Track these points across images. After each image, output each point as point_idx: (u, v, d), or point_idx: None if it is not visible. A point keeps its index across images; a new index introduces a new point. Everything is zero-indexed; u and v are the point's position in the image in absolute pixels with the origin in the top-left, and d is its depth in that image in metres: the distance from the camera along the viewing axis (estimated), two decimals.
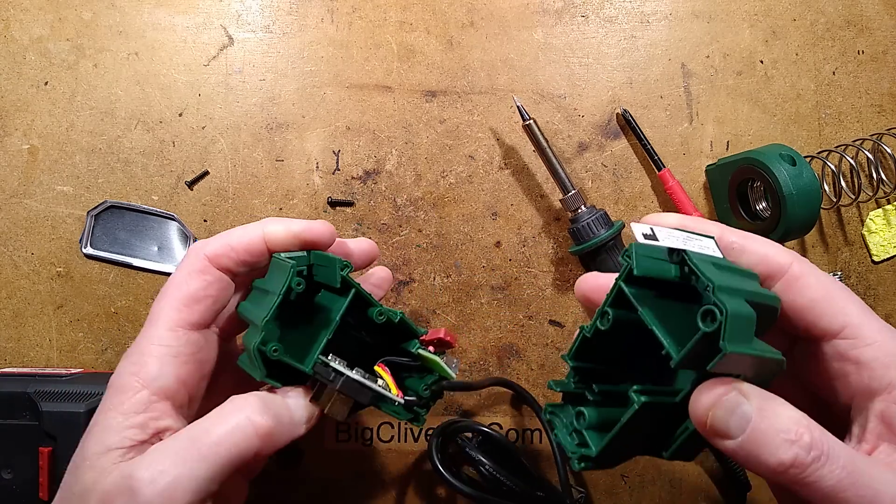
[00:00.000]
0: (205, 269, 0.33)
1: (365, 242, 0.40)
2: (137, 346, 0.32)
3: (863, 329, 0.27)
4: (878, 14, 0.52)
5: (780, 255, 0.29)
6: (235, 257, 0.33)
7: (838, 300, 0.28)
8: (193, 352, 0.32)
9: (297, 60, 0.50)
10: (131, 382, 0.30)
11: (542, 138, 0.47)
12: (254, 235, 0.34)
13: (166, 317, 0.32)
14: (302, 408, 0.32)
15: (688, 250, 0.27)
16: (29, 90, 0.49)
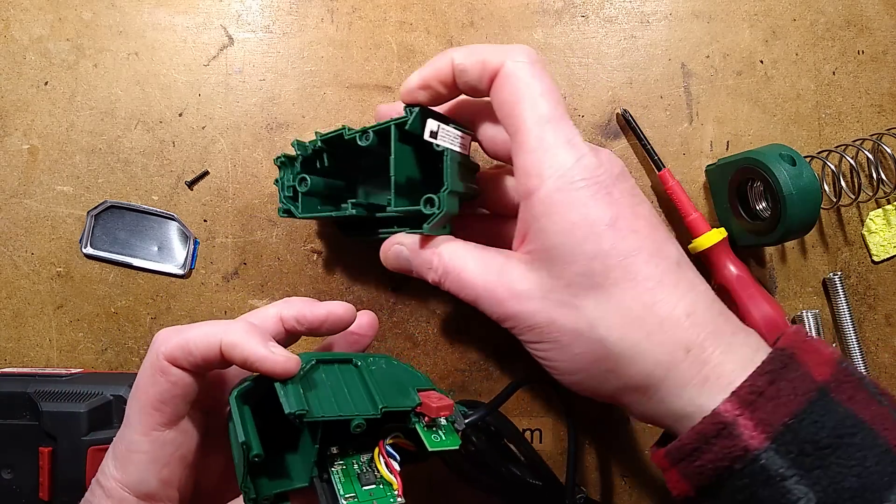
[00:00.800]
0: (164, 369, 0.31)
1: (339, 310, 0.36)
2: (118, 448, 0.32)
3: (527, 135, 0.31)
4: (878, 14, 0.52)
5: (494, 58, 0.33)
6: (193, 361, 0.31)
7: (523, 104, 0.32)
8: (172, 451, 0.32)
9: (297, 60, 0.50)
10: (116, 489, 0.31)
11: None
12: (211, 343, 0.31)
13: (136, 422, 0.31)
14: None
15: (448, 150, 0.36)
16: (29, 90, 0.49)
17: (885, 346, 0.50)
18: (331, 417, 0.31)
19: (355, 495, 0.32)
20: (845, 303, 0.49)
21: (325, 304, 0.36)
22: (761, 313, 0.45)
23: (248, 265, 0.49)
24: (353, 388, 0.33)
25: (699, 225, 0.48)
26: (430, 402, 0.33)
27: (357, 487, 0.32)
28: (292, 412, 0.29)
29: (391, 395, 0.33)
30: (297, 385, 0.31)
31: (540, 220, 0.31)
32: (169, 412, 0.31)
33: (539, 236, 0.31)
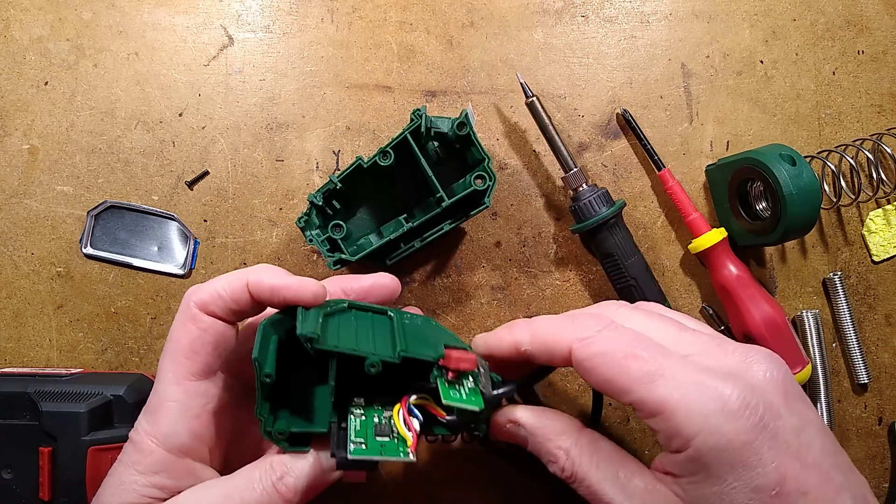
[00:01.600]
0: (195, 317, 0.32)
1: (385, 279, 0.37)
2: (150, 403, 0.33)
3: (646, 404, 0.28)
4: (878, 14, 0.52)
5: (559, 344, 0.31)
6: (224, 305, 0.33)
7: (618, 380, 0.29)
8: (203, 402, 0.32)
9: (297, 60, 0.50)
10: (146, 441, 0.31)
11: (545, 115, 0.47)
12: (237, 284, 0.32)
13: (169, 371, 0.32)
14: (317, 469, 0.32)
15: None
16: (29, 90, 0.49)
17: (885, 346, 0.50)
18: (344, 350, 0.30)
19: (364, 441, 0.32)
20: (845, 303, 0.49)
21: (369, 276, 0.37)
22: (761, 313, 0.45)
23: (248, 265, 0.49)
24: (378, 333, 0.33)
25: (699, 225, 0.48)
26: (452, 356, 0.33)
27: (370, 435, 0.32)
28: (303, 334, 0.29)
29: (415, 345, 0.33)
30: (319, 314, 0.31)
31: (696, 482, 0.28)
32: (200, 361, 0.32)
33: (694, 495, 0.28)
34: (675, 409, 0.27)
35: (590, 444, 0.32)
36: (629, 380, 0.28)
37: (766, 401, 0.27)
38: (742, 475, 0.26)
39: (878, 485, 0.50)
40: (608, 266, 0.47)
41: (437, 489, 0.48)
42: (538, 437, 0.34)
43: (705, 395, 0.27)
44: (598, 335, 0.30)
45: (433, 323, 0.37)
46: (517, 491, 0.48)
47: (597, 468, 0.31)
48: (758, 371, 0.28)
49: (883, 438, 0.50)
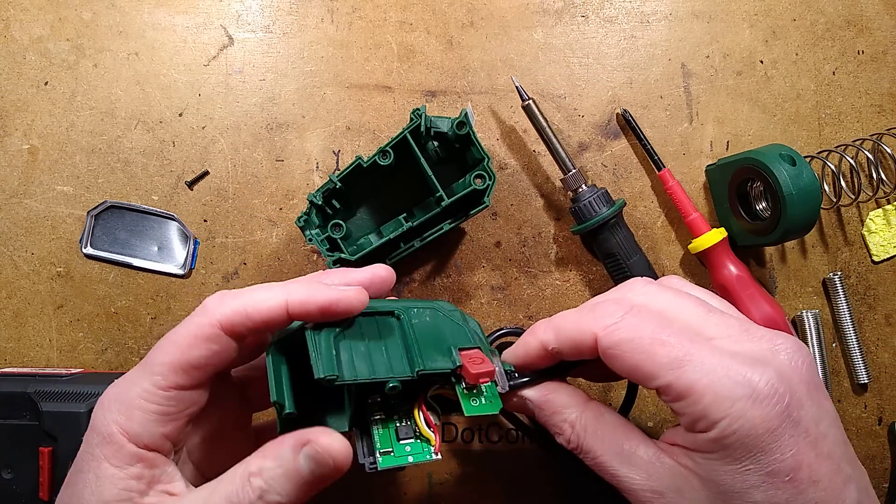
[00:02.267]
0: (215, 337, 0.30)
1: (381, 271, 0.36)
2: (126, 391, 0.30)
3: (673, 388, 0.28)
4: (878, 14, 0.52)
5: (584, 336, 0.31)
6: (252, 326, 0.30)
7: (645, 366, 0.29)
8: (183, 408, 0.30)
9: (297, 60, 0.50)
10: (116, 434, 0.29)
11: (542, 118, 0.47)
12: (275, 305, 0.30)
13: (161, 375, 0.30)
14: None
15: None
16: (29, 90, 0.49)
17: (885, 346, 0.50)
18: (363, 380, 0.30)
19: (391, 450, 0.32)
20: (845, 303, 0.49)
21: (366, 269, 0.35)
22: (761, 313, 0.45)
23: (248, 265, 0.49)
24: (391, 345, 0.32)
25: (699, 225, 0.48)
26: (470, 366, 0.32)
27: (394, 441, 0.32)
28: (322, 377, 0.29)
29: (431, 353, 0.32)
30: (330, 341, 0.30)
31: (712, 458, 0.28)
32: (199, 376, 0.30)
33: (707, 469, 0.28)
34: (702, 394, 0.27)
35: (595, 416, 0.33)
36: (656, 365, 0.28)
37: (792, 389, 0.27)
38: (760, 459, 0.27)
39: (878, 485, 0.50)
40: (610, 266, 0.47)
41: (437, 489, 0.48)
42: (545, 411, 0.34)
43: (734, 380, 0.27)
44: (622, 322, 0.30)
45: (441, 314, 0.36)
46: (517, 491, 0.48)
47: (602, 440, 0.32)
48: (785, 359, 0.29)
49: (883, 438, 0.50)
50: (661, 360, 0.28)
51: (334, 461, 0.29)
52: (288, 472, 0.28)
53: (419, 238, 0.45)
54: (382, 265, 0.36)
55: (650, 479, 0.30)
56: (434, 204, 0.43)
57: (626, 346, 0.29)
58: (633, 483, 0.30)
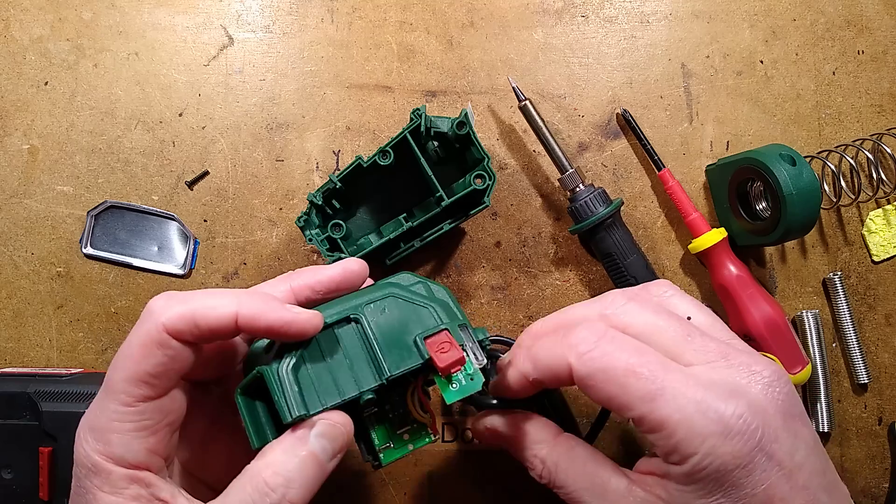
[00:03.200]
0: (163, 342, 0.28)
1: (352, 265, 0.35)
2: (96, 417, 0.29)
3: (646, 421, 0.28)
4: (878, 14, 0.52)
5: (560, 365, 0.30)
6: (199, 335, 0.29)
7: (618, 398, 0.28)
8: (159, 419, 0.29)
9: (297, 60, 0.50)
10: (101, 463, 0.28)
11: (539, 118, 0.47)
12: (224, 315, 0.29)
13: (123, 392, 0.28)
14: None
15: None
16: (29, 90, 0.49)
17: (885, 346, 0.50)
18: (333, 404, 0.30)
19: (390, 444, 0.32)
20: (845, 303, 0.49)
21: (336, 265, 0.34)
22: (761, 313, 0.45)
23: (248, 265, 0.49)
24: (354, 356, 0.31)
25: (699, 225, 0.48)
26: (438, 357, 0.31)
27: (391, 435, 0.32)
28: (290, 421, 0.28)
29: (396, 352, 0.32)
30: (291, 375, 0.29)
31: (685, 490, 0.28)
32: (160, 385, 0.29)
33: (680, 501, 0.28)
34: (675, 429, 0.27)
35: (566, 451, 0.33)
36: (630, 397, 0.28)
37: (766, 422, 0.27)
38: (731, 493, 0.27)
39: (878, 485, 0.50)
40: (608, 265, 0.47)
41: (437, 489, 0.48)
42: (514, 447, 0.34)
43: (706, 416, 0.27)
44: (595, 350, 0.29)
45: (400, 299, 0.34)
46: (517, 491, 0.48)
47: (573, 476, 0.32)
48: (760, 389, 0.28)
49: (883, 438, 0.50)
50: (635, 393, 0.28)
51: (345, 429, 0.30)
52: (304, 461, 0.28)
53: (419, 238, 0.45)
54: (354, 258, 0.35)
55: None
56: (434, 204, 0.43)
57: (599, 376, 0.29)
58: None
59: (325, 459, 0.29)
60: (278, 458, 0.28)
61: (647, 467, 0.30)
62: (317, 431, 0.29)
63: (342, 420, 0.30)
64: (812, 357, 0.49)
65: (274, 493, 0.27)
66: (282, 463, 0.28)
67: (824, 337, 0.49)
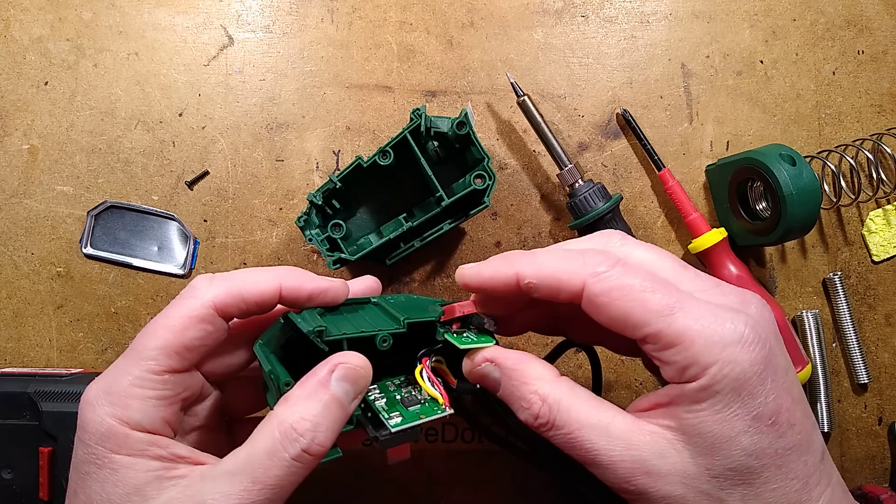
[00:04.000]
0: (208, 318, 0.30)
1: (368, 281, 0.38)
2: (114, 382, 0.29)
3: (664, 335, 0.28)
4: (878, 14, 0.52)
5: (571, 279, 0.30)
6: (245, 309, 0.31)
7: (635, 313, 0.28)
8: (179, 391, 0.30)
9: (297, 60, 0.50)
10: (116, 426, 0.28)
11: (537, 114, 0.47)
12: (269, 288, 0.31)
13: (154, 360, 0.29)
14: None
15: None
16: (29, 90, 0.49)
17: (885, 346, 0.50)
18: (352, 335, 0.31)
19: (399, 413, 0.31)
20: (845, 303, 0.49)
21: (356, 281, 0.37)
22: None
23: (248, 265, 0.49)
24: (373, 316, 0.34)
25: (699, 225, 0.48)
26: (452, 308, 0.33)
27: (401, 408, 0.32)
28: (311, 329, 0.29)
29: (412, 312, 0.33)
30: (314, 314, 0.32)
31: (698, 409, 0.28)
32: (191, 359, 0.30)
33: (693, 422, 0.28)
34: (693, 340, 0.27)
35: (568, 390, 0.31)
36: (647, 312, 0.28)
37: (769, 336, 0.28)
38: (747, 403, 0.27)
39: (878, 485, 0.50)
40: None
41: (437, 489, 0.48)
42: (513, 380, 0.32)
43: (723, 326, 0.27)
44: (611, 270, 0.29)
45: (414, 296, 0.38)
46: (517, 491, 0.48)
47: (576, 413, 0.30)
48: (755, 310, 0.29)
49: (883, 438, 0.50)
50: (652, 307, 0.28)
51: (365, 371, 0.30)
52: (328, 405, 0.29)
53: (419, 238, 0.45)
54: (371, 277, 0.37)
55: (630, 448, 0.29)
56: (434, 204, 0.43)
57: (616, 293, 0.29)
58: (611, 455, 0.29)
59: (346, 402, 0.30)
60: (303, 403, 0.29)
61: (650, 402, 0.30)
62: (338, 375, 0.29)
63: (361, 362, 0.30)
64: (812, 357, 0.49)
65: (303, 437, 0.28)
66: (307, 408, 0.28)
67: (824, 337, 0.49)
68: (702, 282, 0.31)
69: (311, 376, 0.29)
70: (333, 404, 0.29)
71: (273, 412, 0.29)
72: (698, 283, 0.31)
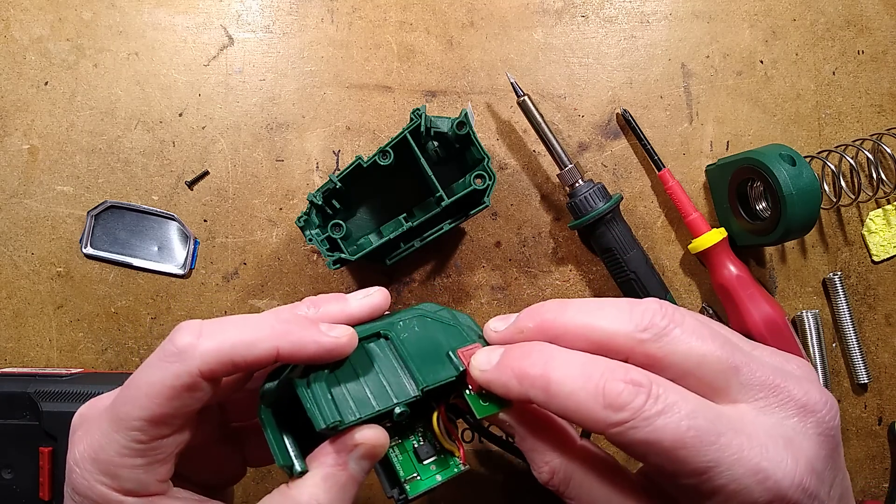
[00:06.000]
0: (196, 386, 0.27)
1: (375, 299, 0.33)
2: (101, 450, 0.27)
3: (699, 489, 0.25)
4: (878, 14, 0.52)
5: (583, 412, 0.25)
6: (234, 372, 0.27)
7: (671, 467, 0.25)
8: (170, 450, 0.28)
9: (297, 60, 0.50)
10: (110, 494, 0.27)
11: (537, 113, 0.47)
12: (264, 352, 0.27)
13: (140, 430, 0.27)
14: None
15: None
16: (29, 90, 0.49)
17: (885, 346, 0.50)
18: (368, 416, 0.28)
19: (417, 475, 0.30)
20: (845, 303, 0.49)
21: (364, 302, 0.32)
22: (761, 313, 0.45)
23: (248, 265, 0.49)
24: (386, 370, 0.30)
25: (699, 225, 0.48)
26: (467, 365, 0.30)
27: (416, 464, 0.30)
28: (324, 427, 0.27)
29: (430, 365, 0.30)
30: (324, 388, 0.28)
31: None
32: (180, 423, 0.28)
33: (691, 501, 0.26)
34: (728, 499, 0.24)
35: (582, 464, 0.29)
36: (679, 471, 0.24)
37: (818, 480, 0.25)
38: None
39: (878, 484, 0.50)
40: (608, 261, 0.48)
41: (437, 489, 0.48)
42: (527, 443, 0.30)
43: (764, 486, 0.24)
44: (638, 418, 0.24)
45: (429, 319, 0.33)
46: (517, 491, 0.48)
47: (587, 498, 0.28)
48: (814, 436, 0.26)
49: (883, 438, 0.50)
50: (685, 468, 0.24)
51: (384, 446, 0.28)
52: (345, 486, 0.28)
53: (419, 238, 0.45)
54: (379, 288, 0.33)
55: None
56: (434, 204, 0.43)
57: (641, 449, 0.24)
58: None
59: (362, 476, 0.28)
60: (319, 487, 0.27)
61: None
62: (356, 455, 0.27)
63: (381, 440, 0.28)
64: (812, 357, 0.49)
65: None
66: (324, 492, 0.27)
67: (824, 337, 0.50)
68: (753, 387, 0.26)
69: (327, 455, 0.28)
70: (350, 484, 0.28)
71: (288, 491, 0.27)
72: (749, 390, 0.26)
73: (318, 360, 0.28)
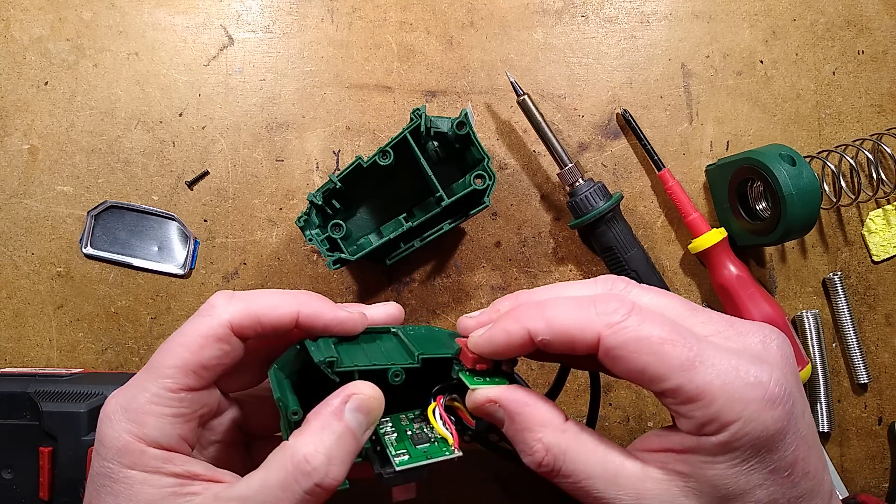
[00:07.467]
0: (225, 337, 0.30)
1: (389, 308, 0.36)
2: (132, 398, 0.29)
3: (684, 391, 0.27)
4: (878, 14, 0.52)
5: (585, 333, 0.28)
6: (261, 332, 0.31)
7: (654, 367, 0.27)
8: (196, 409, 0.30)
9: (297, 60, 0.50)
10: (132, 443, 0.29)
11: (537, 113, 0.47)
12: (287, 313, 0.31)
13: (171, 378, 0.29)
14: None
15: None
16: (29, 90, 0.49)
17: (885, 346, 0.50)
18: (364, 367, 0.30)
19: (406, 451, 0.31)
20: (845, 303, 0.49)
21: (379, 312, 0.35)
22: (761, 313, 0.45)
23: (248, 265, 0.49)
24: (389, 348, 0.33)
25: (699, 225, 0.48)
26: (468, 350, 0.32)
27: (409, 447, 0.31)
28: (322, 359, 0.29)
29: (429, 347, 0.32)
30: (330, 344, 0.31)
31: (714, 462, 0.27)
32: (207, 378, 0.30)
33: (708, 474, 0.27)
34: (715, 396, 0.26)
35: (574, 437, 0.30)
36: (667, 367, 0.27)
37: (791, 386, 0.27)
38: (766, 458, 0.27)
39: (878, 485, 0.50)
40: (609, 260, 0.48)
41: (437, 489, 0.48)
42: (517, 425, 0.30)
43: (745, 381, 0.26)
44: (628, 320, 0.28)
45: (435, 329, 0.37)
46: (517, 490, 0.48)
47: (584, 464, 0.29)
48: (777, 352, 0.28)
49: (883, 438, 0.50)
50: (672, 362, 0.27)
51: (378, 402, 0.30)
52: (342, 437, 0.28)
53: (419, 238, 0.45)
54: (393, 304, 0.37)
55: (640, 497, 0.28)
56: (434, 204, 0.43)
57: (632, 346, 0.27)
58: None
59: (360, 433, 0.29)
60: (317, 435, 0.28)
61: (660, 444, 0.29)
62: (351, 405, 0.29)
63: (374, 393, 0.30)
64: (812, 357, 0.49)
65: (317, 471, 0.27)
66: (320, 440, 0.28)
67: (824, 337, 0.50)
68: (715, 324, 0.29)
69: (325, 406, 0.29)
70: (347, 436, 0.28)
71: (286, 442, 0.28)
72: (712, 325, 0.29)
73: (332, 330, 0.31)
